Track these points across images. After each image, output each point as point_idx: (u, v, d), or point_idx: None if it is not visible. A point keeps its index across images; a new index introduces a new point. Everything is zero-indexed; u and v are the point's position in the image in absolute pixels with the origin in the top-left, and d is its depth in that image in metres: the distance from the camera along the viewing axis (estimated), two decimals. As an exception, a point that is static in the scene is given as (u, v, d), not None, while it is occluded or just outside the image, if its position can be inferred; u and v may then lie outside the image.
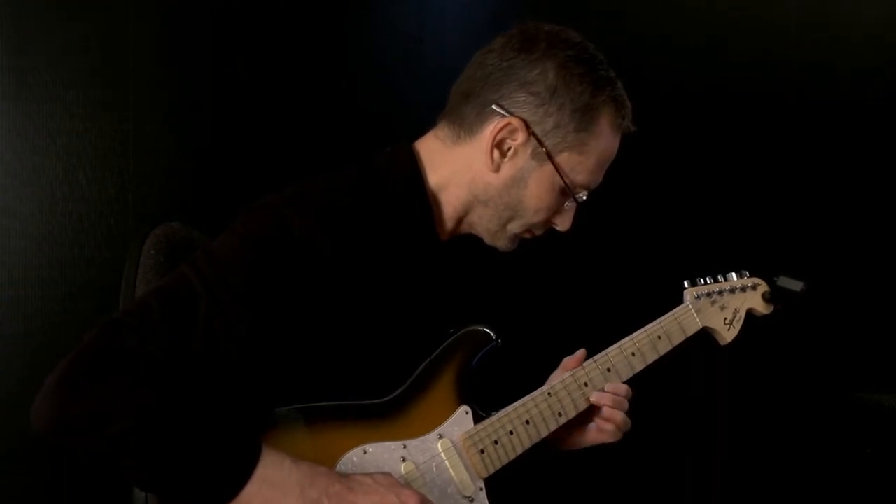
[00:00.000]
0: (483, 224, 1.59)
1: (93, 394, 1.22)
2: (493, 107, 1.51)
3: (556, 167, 1.52)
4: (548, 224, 1.61)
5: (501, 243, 1.61)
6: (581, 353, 1.67)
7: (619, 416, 1.64)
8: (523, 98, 1.50)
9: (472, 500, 1.47)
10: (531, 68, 1.50)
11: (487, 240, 1.62)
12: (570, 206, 1.58)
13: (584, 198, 1.57)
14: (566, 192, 1.55)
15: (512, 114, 1.50)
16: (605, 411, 1.64)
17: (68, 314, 2.29)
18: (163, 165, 2.39)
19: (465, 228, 1.62)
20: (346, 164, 1.55)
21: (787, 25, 2.88)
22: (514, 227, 1.59)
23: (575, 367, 1.64)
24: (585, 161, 1.54)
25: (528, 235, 1.62)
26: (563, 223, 1.60)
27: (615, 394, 1.63)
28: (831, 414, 2.72)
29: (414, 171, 1.56)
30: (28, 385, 1.26)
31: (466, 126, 1.54)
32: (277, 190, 1.48)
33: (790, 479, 2.82)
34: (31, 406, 1.24)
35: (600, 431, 1.66)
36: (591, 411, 1.66)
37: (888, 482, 2.52)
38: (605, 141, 1.55)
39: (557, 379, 1.63)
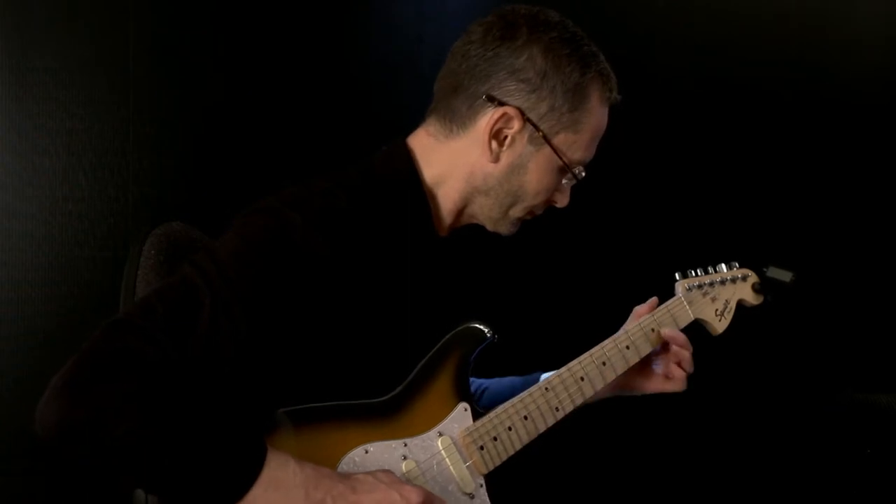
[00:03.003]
0: (485, 213, 1.61)
1: (98, 396, 1.22)
2: (485, 98, 1.52)
3: (554, 149, 1.54)
4: (548, 203, 1.63)
5: (504, 229, 1.63)
6: (653, 300, 1.74)
7: (688, 356, 1.70)
8: (514, 86, 1.51)
9: (472, 497, 1.47)
10: (518, 55, 1.51)
11: (490, 227, 1.64)
12: (567, 182, 1.61)
13: (584, 174, 1.59)
14: (565, 170, 1.57)
15: (505, 103, 1.51)
16: (674, 351, 1.69)
17: (68, 314, 2.29)
18: (163, 165, 2.39)
19: (465, 220, 1.63)
20: (346, 166, 1.55)
21: (785, 22, 2.89)
22: (517, 211, 1.60)
23: (646, 313, 1.71)
24: (581, 138, 1.56)
25: (529, 217, 1.64)
26: (562, 200, 1.63)
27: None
28: (831, 414, 2.71)
29: (410, 169, 1.56)
30: (28, 385, 1.26)
31: (458, 120, 1.55)
32: (277, 190, 1.48)
33: (790, 479, 2.82)
34: (35, 411, 1.23)
35: (668, 379, 1.72)
36: (653, 356, 1.72)
37: (888, 482, 2.52)
38: (597, 116, 1.57)
39: (629, 326, 1.70)
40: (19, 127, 2.27)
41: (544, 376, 1.70)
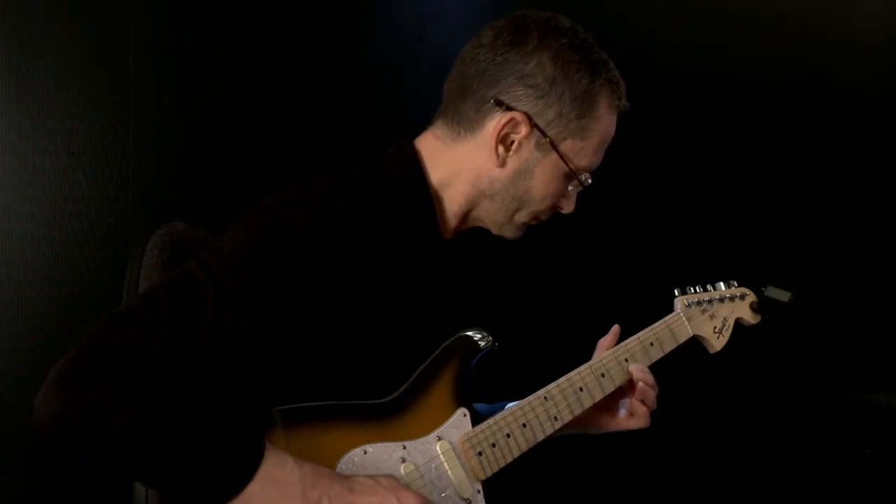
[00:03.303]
0: (490, 217, 1.60)
1: (97, 388, 1.21)
2: (493, 102, 1.51)
3: (561, 155, 1.54)
4: (553, 209, 1.62)
5: (509, 233, 1.63)
6: (615, 329, 1.71)
7: (652, 395, 1.67)
8: (523, 91, 1.51)
9: (469, 503, 1.46)
10: (527, 60, 1.50)
11: (495, 231, 1.63)
12: (573, 189, 1.60)
13: (590, 181, 1.59)
14: (571, 176, 1.57)
15: (513, 108, 1.51)
16: (640, 389, 1.67)
17: (68, 314, 2.30)
18: (163, 165, 2.39)
19: (470, 224, 1.63)
20: (349, 165, 1.55)
21: (785, 22, 2.89)
22: (522, 216, 1.60)
23: (611, 344, 1.69)
24: (588, 145, 1.55)
25: (534, 222, 1.63)
26: (568, 206, 1.62)
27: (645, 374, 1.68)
28: (831, 414, 2.72)
29: (417, 171, 1.56)
30: (28, 385, 1.26)
31: (466, 123, 1.54)
32: (278, 190, 1.48)
33: (790, 479, 2.82)
34: (34, 402, 1.23)
35: (631, 416, 1.70)
36: (618, 395, 1.70)
37: (888, 482, 2.52)
38: (605, 123, 1.56)
39: (597, 358, 1.67)
40: (19, 127, 2.27)
41: (510, 405, 1.71)
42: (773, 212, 2.86)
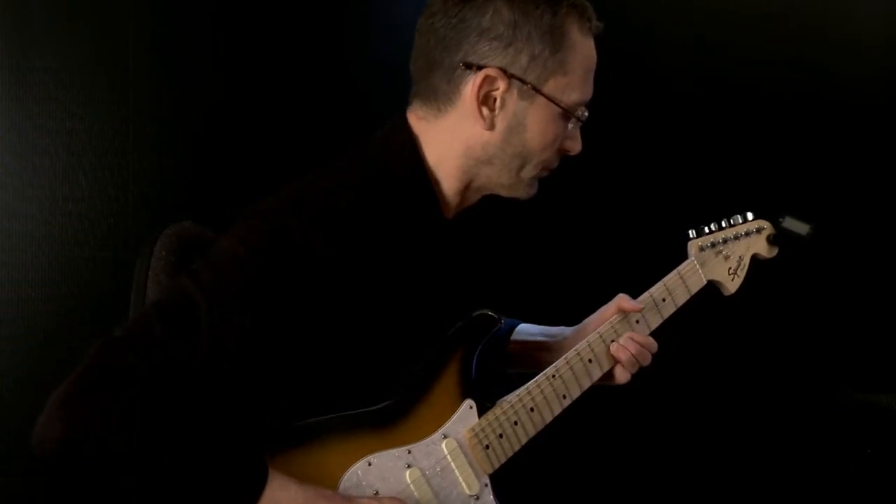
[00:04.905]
0: (494, 181, 1.55)
1: (96, 413, 1.21)
2: (462, 67, 1.46)
3: (548, 97, 1.47)
4: (559, 154, 1.56)
5: (522, 192, 1.57)
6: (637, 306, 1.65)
7: (638, 365, 1.63)
8: (487, 46, 1.45)
9: (477, 498, 1.45)
10: (482, 14, 1.45)
11: (505, 194, 1.58)
12: (573, 127, 1.53)
13: (586, 114, 1.53)
14: (566, 115, 1.50)
15: (484, 66, 1.45)
16: (627, 361, 1.63)
17: (68, 314, 2.29)
18: (163, 165, 2.39)
19: (473, 197, 1.58)
20: (342, 155, 1.53)
21: (785, 22, 2.88)
22: (528, 171, 1.54)
23: (632, 310, 1.64)
24: (572, 79, 1.49)
25: (545, 173, 1.57)
26: (573, 146, 1.56)
27: (639, 343, 1.62)
28: (831, 414, 2.71)
29: (416, 159, 1.52)
30: (28, 385, 1.26)
31: (442, 97, 1.50)
32: (275, 191, 1.47)
33: (790, 479, 2.82)
34: (34, 415, 1.23)
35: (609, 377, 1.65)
36: None
37: (888, 482, 2.52)
38: (582, 51, 1.50)
39: (605, 323, 1.63)
40: (19, 127, 2.27)
41: (522, 326, 1.69)
42: (772, 214, 2.86)
